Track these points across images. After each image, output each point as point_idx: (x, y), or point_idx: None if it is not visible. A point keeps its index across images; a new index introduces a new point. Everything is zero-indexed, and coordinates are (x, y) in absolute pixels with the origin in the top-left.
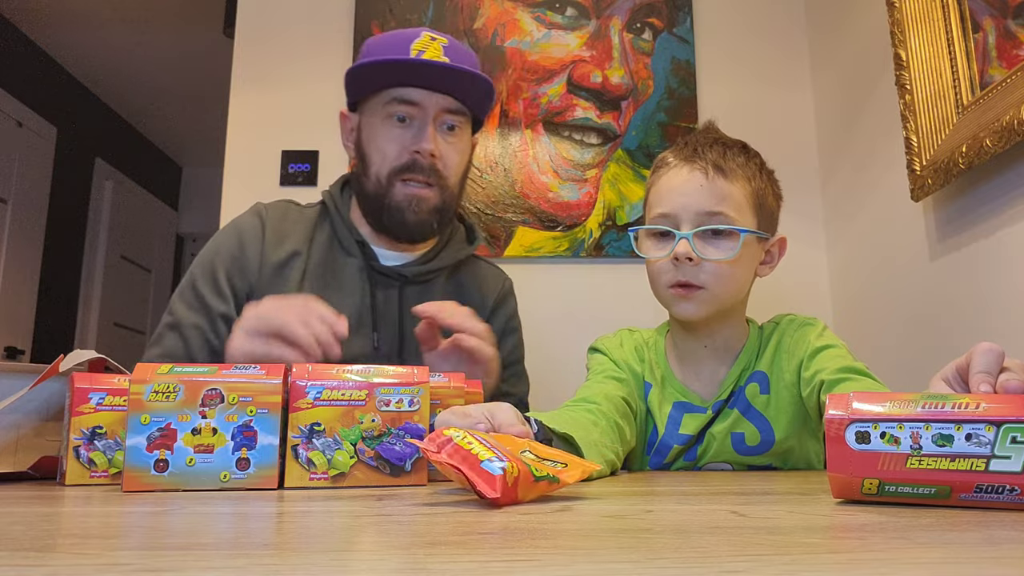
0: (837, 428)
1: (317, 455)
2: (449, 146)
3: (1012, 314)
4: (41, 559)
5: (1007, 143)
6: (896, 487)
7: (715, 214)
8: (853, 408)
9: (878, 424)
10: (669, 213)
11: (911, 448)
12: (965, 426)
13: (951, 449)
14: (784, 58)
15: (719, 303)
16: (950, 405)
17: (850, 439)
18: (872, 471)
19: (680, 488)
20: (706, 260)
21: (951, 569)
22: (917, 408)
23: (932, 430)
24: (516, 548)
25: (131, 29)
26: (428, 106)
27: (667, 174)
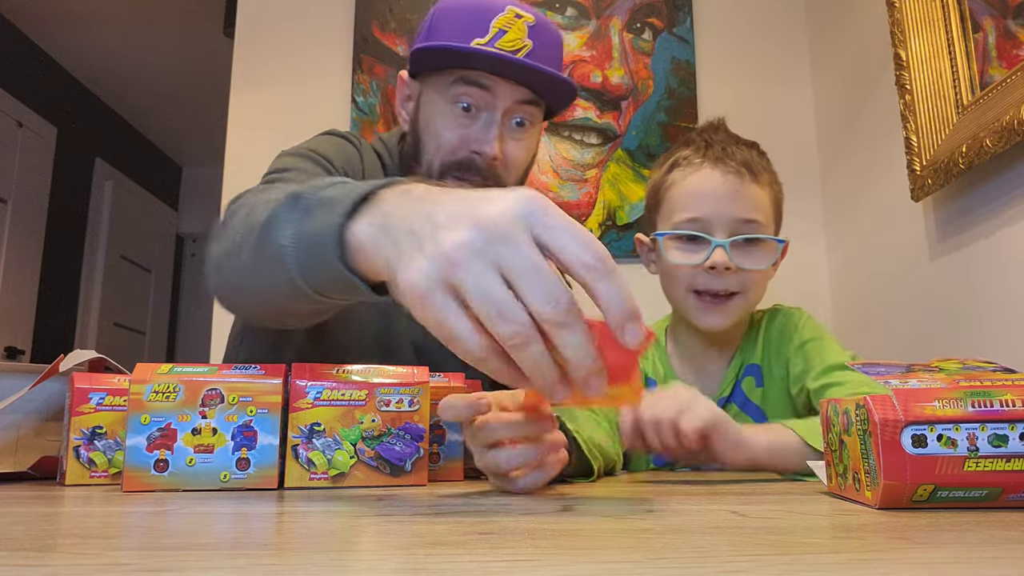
0: (892, 432)
1: (317, 455)
2: (516, 144)
3: (1012, 314)
4: (41, 559)
5: (1007, 143)
6: (950, 492)
7: (750, 222)
8: (908, 410)
9: (935, 426)
10: (701, 218)
11: (968, 450)
12: (1018, 425)
13: (1006, 449)
14: (784, 58)
15: (749, 310)
16: (997, 403)
17: (906, 443)
18: (929, 476)
19: (680, 488)
20: (742, 269)
21: (951, 569)
22: (968, 408)
23: (988, 431)
24: (516, 548)
25: (131, 29)
26: (499, 96)
27: (694, 175)
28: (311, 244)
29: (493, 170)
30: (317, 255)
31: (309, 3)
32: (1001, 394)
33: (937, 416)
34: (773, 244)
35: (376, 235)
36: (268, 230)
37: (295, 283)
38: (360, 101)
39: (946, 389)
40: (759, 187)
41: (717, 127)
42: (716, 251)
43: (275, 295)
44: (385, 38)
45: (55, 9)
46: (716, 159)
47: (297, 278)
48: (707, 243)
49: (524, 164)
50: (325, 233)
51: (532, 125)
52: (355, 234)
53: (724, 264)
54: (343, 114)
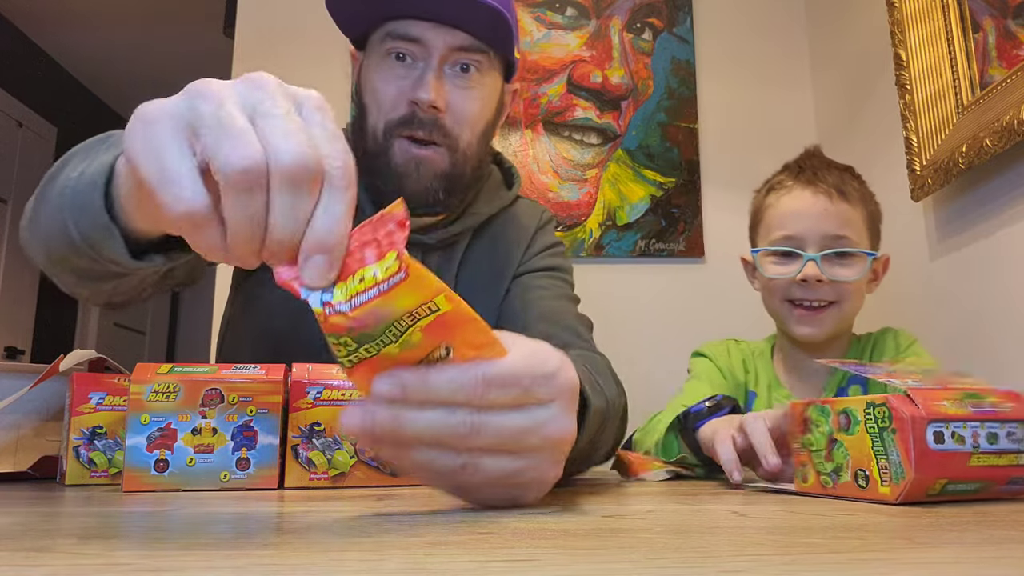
0: (920, 427)
1: (317, 455)
2: (463, 93)
3: (1012, 314)
4: (41, 559)
5: (1007, 143)
6: (956, 485)
7: (840, 237)
8: (929, 408)
9: (949, 424)
10: (794, 235)
11: (972, 447)
12: (1007, 424)
13: (998, 446)
14: (784, 58)
15: (845, 321)
16: (988, 404)
17: (930, 439)
18: (946, 471)
19: (680, 488)
20: (834, 281)
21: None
22: (969, 408)
23: (986, 429)
24: (516, 548)
25: (131, 29)
26: (432, 43)
27: (787, 196)
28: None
29: (438, 122)
30: (88, 194)
31: (309, 3)
32: (987, 396)
33: (951, 415)
34: (864, 257)
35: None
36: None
37: (68, 228)
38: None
39: (947, 391)
40: (849, 206)
41: (812, 154)
42: (808, 264)
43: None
44: None
45: (55, 9)
46: (808, 181)
47: (69, 222)
48: (800, 258)
49: (479, 117)
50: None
51: (481, 72)
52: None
53: (816, 276)
54: (343, 114)
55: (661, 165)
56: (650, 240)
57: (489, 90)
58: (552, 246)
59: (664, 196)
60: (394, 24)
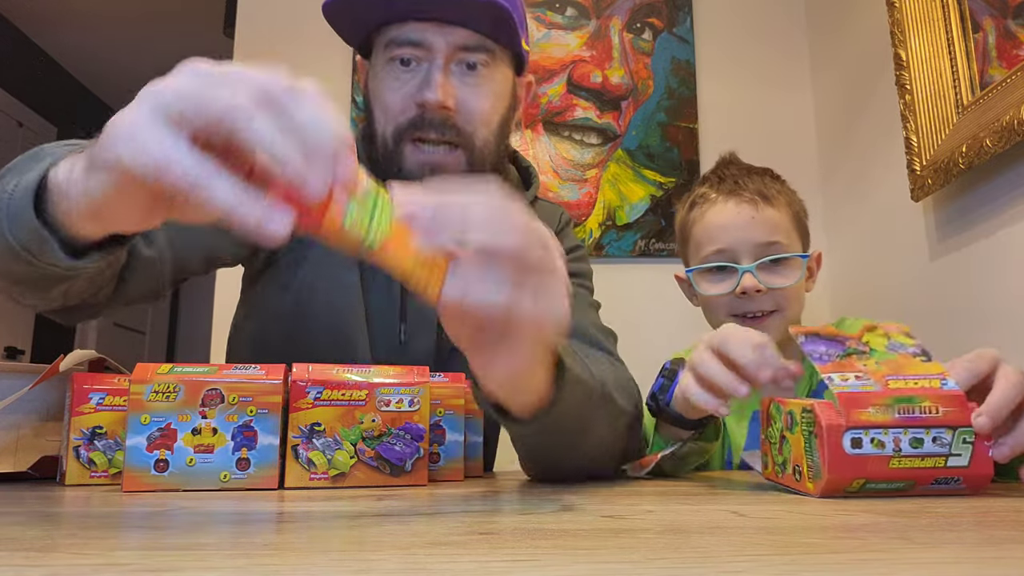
0: (835, 435)
1: (317, 455)
2: (472, 90)
3: (1012, 314)
4: (41, 559)
5: (1007, 143)
6: (876, 484)
7: (772, 243)
8: (849, 417)
9: (869, 431)
10: (725, 248)
11: (893, 451)
12: (932, 430)
13: (922, 450)
14: (784, 58)
15: (789, 324)
16: (918, 410)
17: (846, 445)
18: (862, 472)
19: (680, 488)
20: (773, 289)
21: (951, 569)
22: (895, 415)
23: (909, 434)
24: (516, 548)
25: (131, 29)
26: (435, 44)
27: (711, 209)
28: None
29: (448, 121)
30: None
31: (309, 3)
32: (922, 400)
33: (871, 422)
34: (798, 260)
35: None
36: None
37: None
38: (360, 101)
39: (879, 394)
40: (775, 210)
41: (729, 161)
42: (744, 277)
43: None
44: None
45: (55, 9)
46: (730, 192)
47: (6, 231)
48: (735, 271)
49: (492, 113)
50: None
51: (489, 68)
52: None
53: (754, 287)
54: (343, 114)
55: (661, 165)
56: (650, 240)
57: (500, 85)
58: (573, 250)
59: (664, 196)
60: (394, 30)
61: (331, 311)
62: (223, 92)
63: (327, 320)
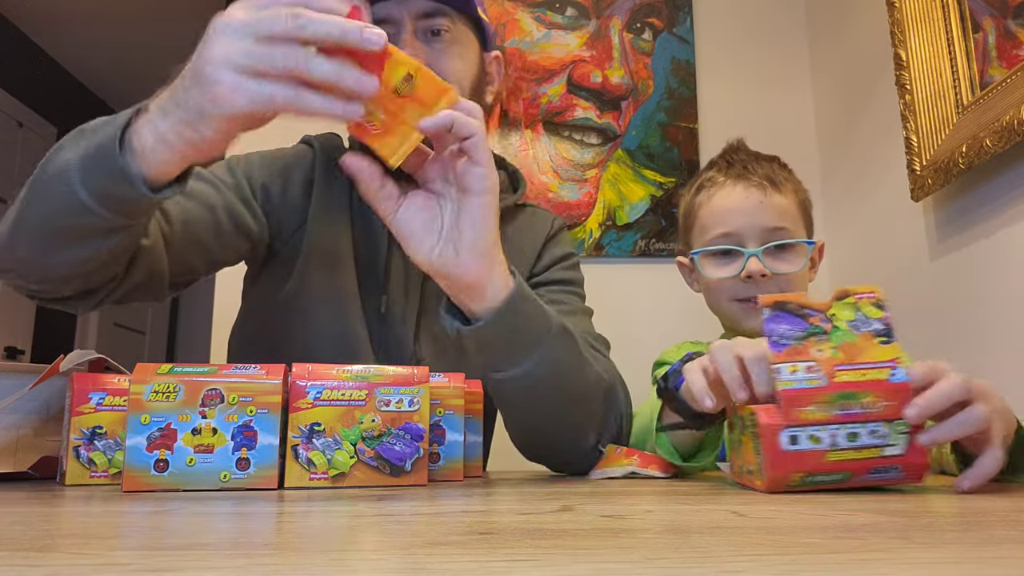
0: (772, 434)
1: (317, 455)
2: (440, 53)
3: (1012, 314)
4: (41, 559)
5: (1007, 143)
6: (815, 477)
7: (779, 229)
8: (788, 415)
9: (806, 428)
10: (732, 232)
11: (830, 445)
12: (868, 424)
13: (857, 443)
14: (784, 58)
15: None
16: (859, 406)
17: (783, 442)
18: (801, 466)
19: (680, 488)
20: (778, 275)
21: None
22: (835, 412)
23: (845, 429)
24: (516, 548)
25: (131, 28)
26: (398, 17)
27: (719, 193)
28: (94, 152)
29: None
30: (98, 157)
31: None
32: (864, 395)
33: (809, 420)
34: (804, 247)
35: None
36: (52, 158)
37: (74, 191)
38: None
39: (823, 390)
40: (783, 196)
41: (737, 148)
42: (750, 261)
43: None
44: None
45: (55, 9)
46: (738, 176)
47: (77, 186)
48: (740, 255)
49: (461, 75)
50: (108, 136)
51: (452, 32)
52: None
53: (760, 272)
54: None
55: (661, 165)
56: (650, 240)
57: (465, 48)
58: (565, 257)
59: (664, 196)
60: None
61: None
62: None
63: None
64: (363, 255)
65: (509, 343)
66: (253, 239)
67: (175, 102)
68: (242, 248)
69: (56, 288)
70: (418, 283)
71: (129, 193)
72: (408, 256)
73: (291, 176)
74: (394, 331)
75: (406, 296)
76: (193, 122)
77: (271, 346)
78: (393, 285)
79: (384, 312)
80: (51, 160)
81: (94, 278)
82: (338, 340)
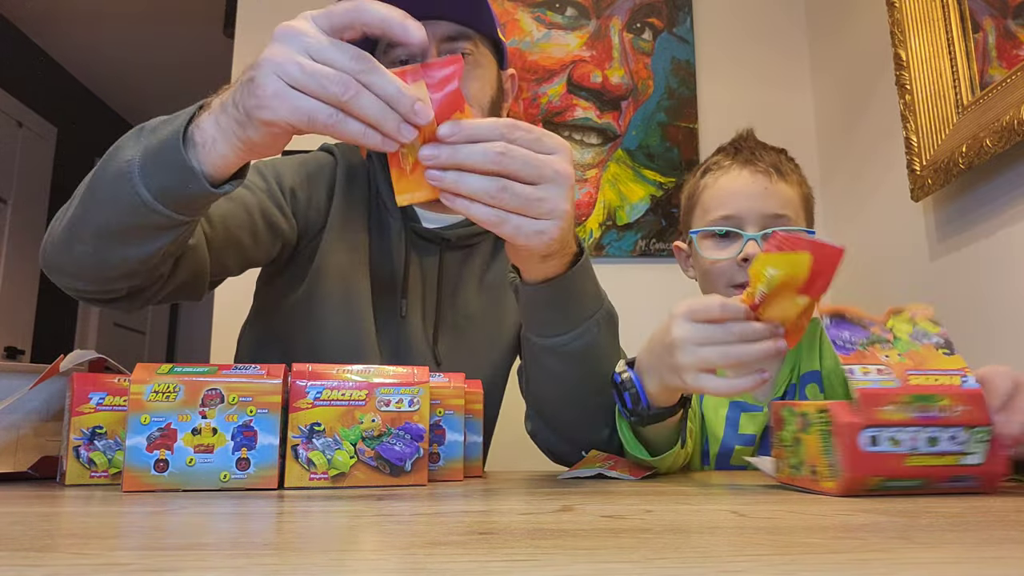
0: (852, 433)
1: (317, 455)
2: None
3: (1012, 314)
4: (41, 559)
5: (1007, 143)
6: (893, 482)
7: (780, 216)
8: (868, 415)
9: (886, 429)
10: (733, 215)
11: (910, 449)
12: (949, 429)
13: (937, 448)
14: (784, 58)
15: None
16: (936, 408)
17: (863, 443)
18: (880, 470)
19: (680, 488)
20: None
21: (951, 569)
22: (913, 413)
23: (926, 433)
24: (516, 548)
25: (131, 29)
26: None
27: (725, 175)
28: (155, 150)
29: None
30: (160, 155)
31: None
32: (940, 399)
33: (889, 420)
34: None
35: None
36: (111, 159)
37: (136, 191)
38: None
39: (898, 391)
40: (787, 185)
41: (747, 136)
42: (748, 244)
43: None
44: None
45: (55, 9)
46: (745, 161)
47: (139, 185)
48: (739, 238)
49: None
50: (170, 134)
51: (475, 55)
52: (197, 123)
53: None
54: None
55: (661, 165)
56: (650, 240)
57: (486, 70)
58: None
59: (664, 196)
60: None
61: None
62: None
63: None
64: (379, 262)
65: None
66: (283, 240)
67: (232, 100)
68: (273, 249)
69: (107, 288)
70: (434, 287)
71: (191, 188)
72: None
73: (316, 182)
74: (414, 334)
75: (423, 300)
76: (243, 123)
77: (283, 348)
78: (411, 289)
79: (404, 316)
80: (111, 160)
81: (144, 278)
82: (348, 344)
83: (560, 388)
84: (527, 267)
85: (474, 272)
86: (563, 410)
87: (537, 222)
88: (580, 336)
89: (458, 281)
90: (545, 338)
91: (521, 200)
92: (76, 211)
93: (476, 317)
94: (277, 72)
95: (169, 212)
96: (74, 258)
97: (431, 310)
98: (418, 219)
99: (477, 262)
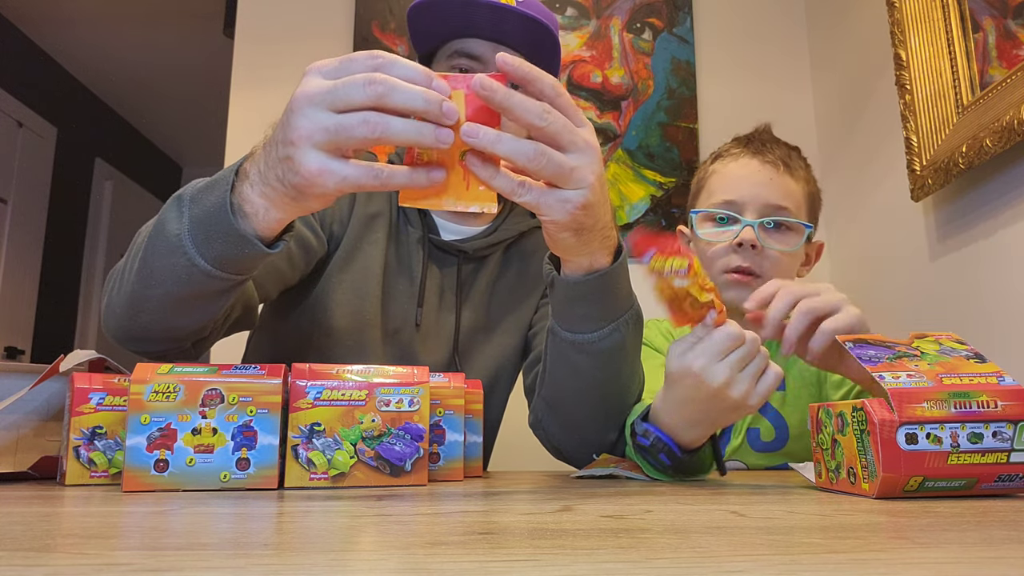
0: (888, 431)
1: (317, 455)
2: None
3: (1012, 314)
4: (41, 559)
5: (1007, 143)
6: (935, 482)
7: (781, 208)
8: (903, 411)
9: (924, 426)
10: (735, 200)
11: (951, 446)
12: (992, 424)
13: (982, 445)
14: (784, 58)
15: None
16: (975, 404)
17: (900, 441)
18: (919, 469)
19: (680, 488)
20: (769, 249)
21: (951, 569)
22: (951, 409)
23: (967, 429)
24: (516, 548)
25: (131, 29)
26: (489, 60)
27: (734, 162)
28: (204, 221)
29: None
30: (211, 226)
31: (309, 3)
32: (978, 395)
33: (926, 417)
34: (800, 231)
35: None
36: (159, 233)
37: (193, 263)
38: None
39: (933, 389)
40: (793, 180)
41: (763, 129)
42: (745, 229)
43: (172, 286)
44: (385, 38)
45: (55, 9)
46: (756, 151)
47: (195, 257)
48: (738, 223)
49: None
50: (215, 205)
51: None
52: (240, 194)
53: (751, 241)
54: None
55: (661, 165)
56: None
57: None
58: None
59: (664, 196)
60: (461, 42)
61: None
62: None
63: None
64: (396, 271)
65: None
66: (313, 255)
67: (276, 176)
68: (307, 268)
69: (180, 345)
70: (453, 298)
71: (248, 252)
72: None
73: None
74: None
75: (440, 308)
76: (296, 197)
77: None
78: (428, 297)
79: (419, 324)
80: (158, 236)
81: (209, 330)
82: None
83: (581, 385)
84: (569, 253)
85: (487, 282)
86: (580, 407)
87: (561, 192)
88: (610, 335)
89: (472, 291)
90: (575, 334)
91: (555, 166)
92: (135, 286)
93: (490, 325)
94: (310, 143)
95: (228, 275)
96: (142, 327)
97: (449, 320)
98: (437, 231)
99: (489, 271)
